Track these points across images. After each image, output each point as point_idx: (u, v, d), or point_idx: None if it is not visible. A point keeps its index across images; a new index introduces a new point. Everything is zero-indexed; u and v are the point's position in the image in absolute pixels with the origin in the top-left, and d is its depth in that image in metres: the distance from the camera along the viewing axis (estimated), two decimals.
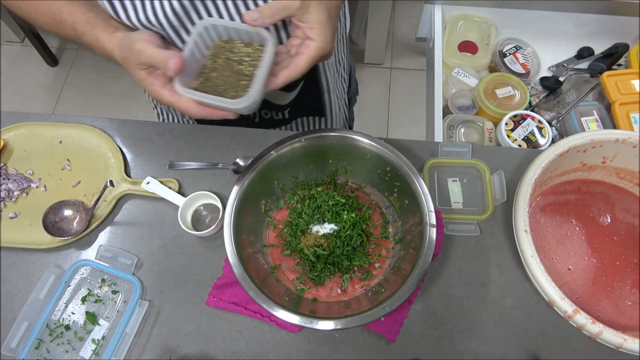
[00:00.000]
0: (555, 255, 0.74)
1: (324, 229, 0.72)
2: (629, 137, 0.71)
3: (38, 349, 0.68)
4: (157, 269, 0.75)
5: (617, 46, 1.32)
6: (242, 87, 0.62)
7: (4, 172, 0.81)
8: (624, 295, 0.71)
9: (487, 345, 0.69)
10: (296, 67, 0.60)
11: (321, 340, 0.69)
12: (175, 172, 0.82)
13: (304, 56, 0.60)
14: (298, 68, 0.60)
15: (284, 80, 0.61)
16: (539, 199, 0.78)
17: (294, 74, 0.61)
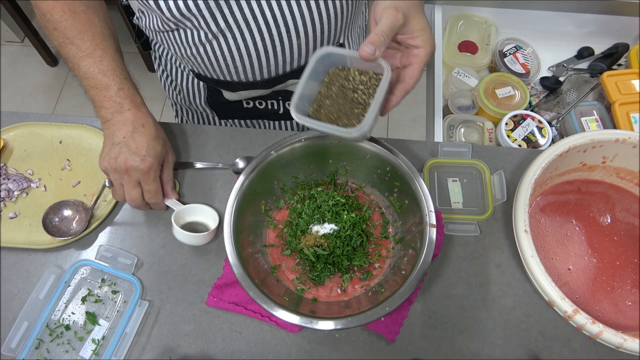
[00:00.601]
0: (555, 255, 0.74)
1: (324, 229, 0.72)
2: (629, 137, 0.71)
3: (38, 349, 0.68)
4: (157, 269, 0.75)
5: (617, 46, 1.32)
6: (354, 115, 0.61)
7: (4, 172, 0.81)
8: (624, 295, 0.71)
9: (487, 345, 0.69)
10: (411, 79, 0.60)
11: (321, 340, 0.69)
12: (175, 172, 0.82)
13: (416, 65, 0.59)
14: (413, 79, 0.60)
15: (402, 95, 0.61)
16: (539, 199, 0.78)
17: (411, 86, 0.60)
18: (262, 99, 0.89)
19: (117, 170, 0.68)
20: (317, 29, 0.72)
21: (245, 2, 0.67)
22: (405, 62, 0.61)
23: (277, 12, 0.69)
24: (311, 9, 0.69)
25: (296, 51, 0.75)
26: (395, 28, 0.57)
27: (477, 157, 0.82)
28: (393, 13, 0.56)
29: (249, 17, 0.68)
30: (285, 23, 0.70)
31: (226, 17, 0.68)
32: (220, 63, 0.76)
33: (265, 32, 0.71)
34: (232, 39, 0.71)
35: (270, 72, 0.78)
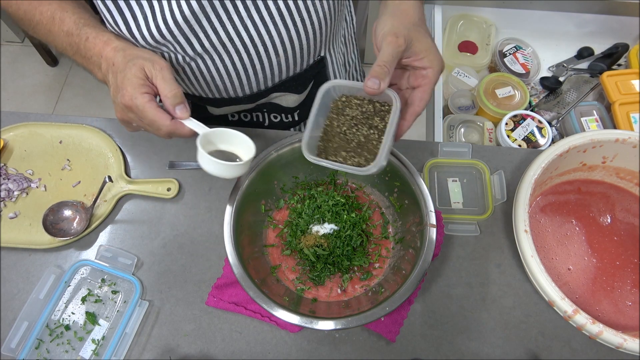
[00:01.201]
0: (555, 255, 0.74)
1: (324, 229, 0.72)
2: (629, 137, 0.71)
3: (38, 349, 0.68)
4: (157, 269, 0.75)
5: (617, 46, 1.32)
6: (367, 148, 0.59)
7: (4, 172, 0.81)
8: (624, 295, 0.71)
9: (487, 345, 0.69)
10: (422, 101, 0.58)
11: (321, 340, 0.69)
12: (175, 172, 0.82)
13: (426, 87, 0.58)
14: (423, 102, 0.58)
15: (413, 119, 0.59)
16: (539, 199, 0.78)
17: (421, 109, 0.58)
18: (247, 112, 0.89)
19: (122, 120, 0.62)
20: (295, 45, 0.71)
21: (220, 26, 0.65)
22: (414, 84, 0.59)
23: (254, 33, 0.67)
24: (288, 28, 0.68)
25: (276, 68, 0.74)
26: (397, 55, 0.55)
27: (477, 157, 0.82)
28: (394, 40, 0.54)
29: (225, 39, 0.67)
30: (263, 43, 0.69)
31: (202, 41, 0.66)
32: (201, 82, 0.75)
33: (244, 52, 0.69)
34: (210, 60, 0.70)
35: (252, 88, 0.77)
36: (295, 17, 0.68)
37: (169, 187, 0.80)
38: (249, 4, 0.65)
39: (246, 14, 0.66)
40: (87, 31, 0.62)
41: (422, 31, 0.58)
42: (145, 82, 0.57)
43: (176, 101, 0.58)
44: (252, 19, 0.66)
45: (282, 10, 0.67)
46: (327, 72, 0.84)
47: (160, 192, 0.79)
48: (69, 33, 0.63)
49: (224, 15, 0.65)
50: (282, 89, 0.80)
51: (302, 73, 0.78)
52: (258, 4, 0.65)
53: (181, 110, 0.58)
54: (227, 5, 0.64)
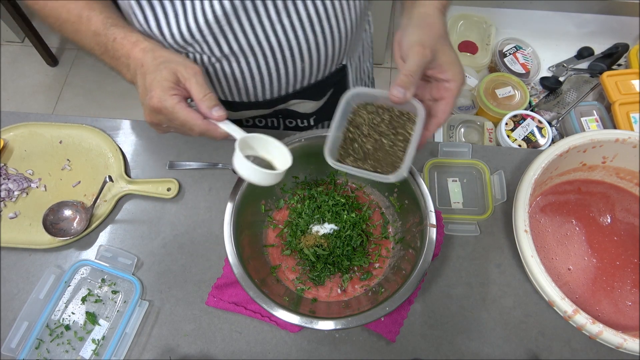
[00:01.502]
0: (555, 255, 0.74)
1: (324, 229, 0.72)
2: (629, 137, 0.71)
3: (38, 349, 0.68)
4: (157, 269, 0.75)
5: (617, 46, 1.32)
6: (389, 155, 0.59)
7: (4, 172, 0.81)
8: (624, 295, 0.71)
9: (487, 345, 0.69)
10: (444, 113, 0.59)
11: (321, 340, 0.69)
12: (175, 172, 0.82)
13: (449, 99, 0.58)
14: (446, 114, 0.59)
15: (435, 130, 0.60)
16: (539, 199, 0.78)
17: (443, 121, 0.59)
18: (262, 117, 0.89)
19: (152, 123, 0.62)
20: (321, 52, 0.72)
21: (250, 29, 0.66)
22: (436, 96, 0.60)
23: (282, 37, 0.68)
24: (316, 34, 0.69)
25: (300, 74, 0.74)
26: (423, 66, 0.55)
27: (477, 157, 0.82)
28: (420, 50, 0.54)
29: (254, 42, 0.67)
30: (290, 48, 0.69)
31: (230, 43, 0.66)
32: (223, 85, 0.75)
33: (270, 56, 0.70)
34: (235, 63, 0.70)
35: (272, 93, 0.77)
36: (324, 24, 0.68)
37: (169, 187, 0.80)
38: (280, 7, 0.65)
39: (277, 18, 0.66)
40: (114, 31, 0.61)
41: (447, 44, 0.59)
42: (175, 86, 0.57)
43: (212, 103, 0.57)
44: (282, 23, 0.66)
45: (312, 16, 0.67)
46: (347, 80, 0.84)
47: (160, 192, 0.79)
48: (97, 33, 0.63)
49: (255, 18, 0.65)
50: (302, 96, 0.80)
51: (324, 80, 0.79)
52: (289, 8, 0.65)
53: (218, 112, 0.58)
54: (259, 7, 0.64)
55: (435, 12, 0.60)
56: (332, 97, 0.86)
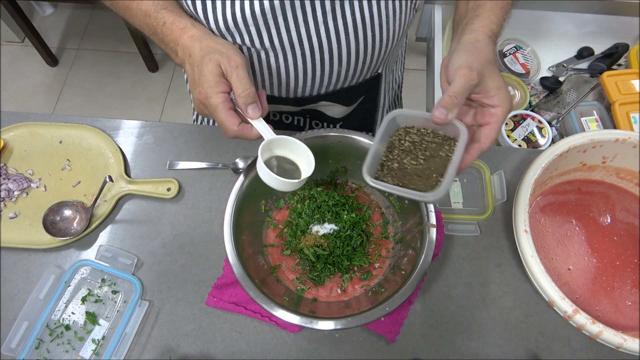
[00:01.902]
0: (555, 255, 0.74)
1: (324, 229, 0.72)
2: (629, 137, 0.71)
3: (38, 349, 0.68)
4: (157, 269, 0.75)
5: (617, 46, 1.32)
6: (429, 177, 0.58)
7: (4, 172, 0.81)
8: (624, 295, 0.71)
9: (487, 345, 0.69)
10: (488, 139, 0.58)
11: (321, 340, 0.69)
12: (175, 172, 0.82)
13: (494, 125, 0.57)
14: (490, 139, 0.58)
15: (477, 155, 0.58)
16: (539, 199, 0.78)
17: (487, 147, 0.58)
18: (290, 114, 0.88)
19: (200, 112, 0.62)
20: (360, 58, 0.72)
21: (294, 26, 0.65)
22: (481, 121, 0.59)
23: (324, 39, 0.67)
24: (358, 40, 0.69)
25: (335, 76, 0.74)
26: (469, 88, 0.54)
27: (477, 157, 0.82)
28: (467, 73, 0.54)
29: (295, 39, 0.67)
30: (330, 50, 0.69)
31: (272, 37, 0.66)
32: (257, 78, 0.74)
33: (309, 56, 0.69)
34: (274, 57, 0.70)
35: (304, 92, 0.77)
36: (367, 31, 0.68)
37: (169, 187, 0.80)
38: (327, 9, 0.65)
39: (322, 19, 0.65)
40: (164, 15, 0.62)
41: (495, 70, 0.58)
42: (220, 79, 0.58)
43: (248, 100, 0.58)
44: (326, 24, 0.66)
45: (358, 22, 0.67)
46: (379, 89, 0.84)
47: (160, 192, 0.79)
48: (147, 14, 0.63)
49: (301, 16, 0.65)
50: (333, 99, 0.80)
51: (356, 86, 0.79)
52: (336, 11, 0.65)
53: (253, 110, 0.58)
54: (307, 6, 0.64)
55: (485, 38, 0.60)
56: (362, 105, 0.86)
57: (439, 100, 0.54)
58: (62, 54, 2.24)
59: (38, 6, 2.29)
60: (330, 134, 0.71)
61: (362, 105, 0.86)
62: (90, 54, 2.23)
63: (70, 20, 2.34)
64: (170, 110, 2.09)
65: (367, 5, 0.66)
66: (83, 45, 2.26)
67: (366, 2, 0.66)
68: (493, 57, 0.59)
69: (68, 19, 2.34)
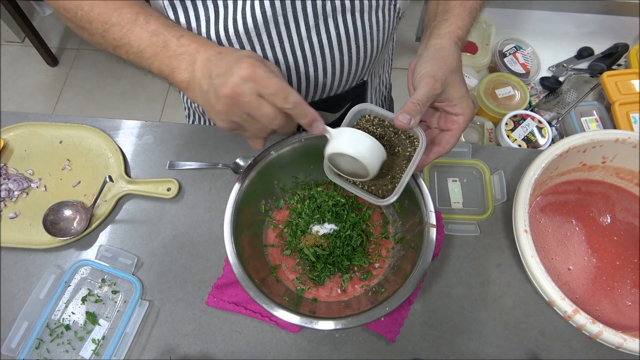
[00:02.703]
0: (555, 255, 0.74)
1: (324, 229, 0.72)
2: (629, 137, 0.71)
3: (38, 349, 0.68)
4: (157, 269, 0.75)
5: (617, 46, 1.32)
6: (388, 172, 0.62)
7: (4, 172, 0.81)
8: (624, 295, 0.71)
9: (487, 345, 0.69)
10: (448, 145, 0.61)
11: (321, 340, 0.69)
12: (175, 172, 0.82)
13: (455, 132, 0.60)
14: (449, 145, 0.61)
15: (435, 158, 0.62)
16: (539, 199, 0.78)
17: (445, 151, 0.62)
18: None
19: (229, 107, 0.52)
20: (344, 70, 0.72)
21: (278, 42, 0.66)
22: (443, 126, 0.62)
23: (309, 54, 0.68)
24: (342, 53, 0.69)
25: (320, 87, 0.74)
26: (432, 97, 0.56)
27: (477, 157, 0.82)
28: (431, 82, 0.56)
29: (280, 55, 0.67)
30: (314, 64, 0.69)
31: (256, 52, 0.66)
32: None
33: (294, 70, 0.70)
34: None
35: None
36: (351, 44, 0.69)
37: (169, 187, 0.80)
38: (311, 24, 0.65)
39: (306, 35, 0.66)
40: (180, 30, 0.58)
41: (459, 79, 0.60)
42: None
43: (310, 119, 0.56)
44: (310, 40, 0.66)
45: (342, 35, 0.67)
46: (365, 95, 0.85)
47: (160, 192, 0.79)
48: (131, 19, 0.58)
49: (285, 32, 0.65)
50: (320, 108, 0.80)
51: (343, 94, 0.79)
52: (320, 26, 0.66)
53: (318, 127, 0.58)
54: (290, 22, 0.64)
55: (450, 45, 0.61)
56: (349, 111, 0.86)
57: (403, 105, 0.56)
58: (62, 54, 2.24)
59: (38, 6, 2.29)
60: None
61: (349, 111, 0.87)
62: (90, 54, 2.23)
63: None
64: (170, 110, 2.09)
65: (351, 19, 0.66)
66: (83, 45, 2.26)
67: (350, 16, 0.66)
68: (457, 65, 0.61)
69: None
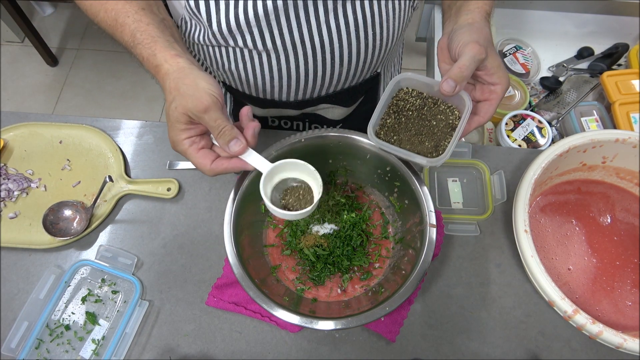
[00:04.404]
0: (555, 255, 0.74)
1: (324, 229, 0.72)
2: (629, 137, 0.71)
3: (38, 349, 0.68)
4: (157, 269, 0.75)
5: (617, 46, 1.32)
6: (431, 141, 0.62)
7: (4, 172, 0.81)
8: (624, 295, 0.71)
9: (487, 345, 0.69)
10: (487, 114, 0.61)
11: (321, 340, 0.69)
12: (175, 172, 0.82)
13: (494, 101, 0.61)
14: (489, 114, 0.61)
15: (475, 127, 0.62)
16: (539, 199, 0.78)
17: (485, 121, 0.62)
18: (288, 119, 0.88)
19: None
20: (361, 58, 0.72)
21: (296, 26, 0.65)
22: (480, 97, 0.62)
23: (326, 39, 0.68)
24: (359, 39, 0.69)
25: (336, 77, 0.74)
26: (478, 62, 0.56)
27: (477, 157, 0.82)
28: (476, 47, 0.56)
29: (297, 39, 0.67)
30: (332, 50, 0.69)
31: (274, 37, 0.66)
32: (258, 81, 0.74)
33: (310, 56, 0.69)
34: (275, 59, 0.69)
35: (305, 94, 0.77)
36: (368, 30, 0.69)
37: (169, 187, 0.80)
38: (329, 8, 0.65)
39: (324, 18, 0.66)
40: (141, 50, 0.60)
41: (494, 49, 0.61)
42: (187, 127, 0.57)
43: (227, 138, 0.56)
44: (328, 24, 0.66)
45: (359, 21, 0.67)
46: (378, 89, 0.84)
47: (160, 192, 0.79)
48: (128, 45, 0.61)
49: (303, 15, 0.65)
50: (333, 101, 0.80)
51: (356, 87, 0.79)
52: (338, 10, 0.66)
53: (235, 145, 0.57)
54: (309, 6, 0.64)
55: (481, 19, 0.62)
56: (362, 106, 0.86)
57: (448, 71, 0.56)
58: (62, 54, 2.24)
59: (38, 6, 2.29)
60: (330, 134, 0.71)
61: (362, 106, 0.86)
62: (90, 54, 2.23)
63: (70, 20, 2.34)
64: None
65: (368, 5, 0.67)
66: (83, 45, 2.26)
67: (367, 2, 0.66)
68: (491, 38, 0.62)
69: (68, 19, 2.34)
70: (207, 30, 0.66)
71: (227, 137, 0.56)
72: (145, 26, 0.60)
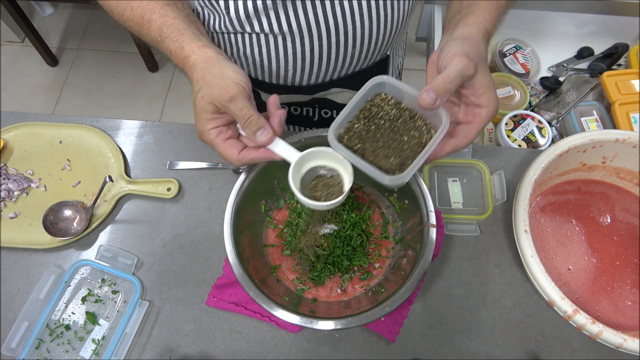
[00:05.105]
0: (555, 255, 0.74)
1: (324, 229, 0.72)
2: (629, 137, 0.71)
3: (38, 349, 0.68)
4: (157, 269, 0.75)
5: (617, 46, 1.32)
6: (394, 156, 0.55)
7: (4, 172, 0.81)
8: (624, 295, 0.71)
9: (487, 345, 0.69)
10: (466, 138, 0.56)
11: (321, 340, 0.69)
12: (175, 172, 0.82)
13: (476, 125, 0.55)
14: (467, 139, 0.55)
15: (450, 151, 0.56)
16: (539, 199, 0.78)
17: (462, 146, 0.56)
18: (298, 106, 0.88)
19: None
20: (372, 39, 0.72)
21: (311, 7, 0.65)
22: (463, 119, 0.57)
23: (340, 20, 0.67)
24: (372, 20, 0.69)
25: (348, 59, 0.74)
26: (464, 77, 0.51)
27: (477, 157, 0.82)
28: (465, 60, 0.50)
29: (312, 22, 0.67)
30: (345, 32, 0.69)
31: (290, 19, 0.66)
32: (273, 65, 0.74)
33: (325, 37, 0.69)
34: (291, 42, 0.69)
35: (318, 78, 0.77)
36: (380, 11, 0.69)
37: (169, 187, 0.80)
38: None
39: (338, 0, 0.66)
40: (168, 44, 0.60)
41: (486, 68, 0.55)
42: (213, 117, 0.56)
43: (254, 128, 0.55)
44: (342, 5, 0.66)
45: (372, 2, 0.67)
46: (387, 72, 0.85)
47: (160, 192, 0.79)
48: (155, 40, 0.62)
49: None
50: (344, 84, 0.80)
51: (367, 69, 0.79)
52: None
53: (262, 135, 0.56)
54: None
55: (478, 34, 0.58)
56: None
57: (431, 82, 0.50)
58: (62, 54, 2.24)
59: (38, 6, 2.29)
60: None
61: None
62: (90, 54, 2.23)
63: (70, 20, 2.34)
64: (170, 110, 2.10)
65: None
66: (83, 45, 2.26)
67: None
68: (485, 55, 0.57)
69: (68, 19, 2.34)
70: (224, 17, 0.66)
71: (253, 127, 0.55)
72: (171, 20, 0.61)
